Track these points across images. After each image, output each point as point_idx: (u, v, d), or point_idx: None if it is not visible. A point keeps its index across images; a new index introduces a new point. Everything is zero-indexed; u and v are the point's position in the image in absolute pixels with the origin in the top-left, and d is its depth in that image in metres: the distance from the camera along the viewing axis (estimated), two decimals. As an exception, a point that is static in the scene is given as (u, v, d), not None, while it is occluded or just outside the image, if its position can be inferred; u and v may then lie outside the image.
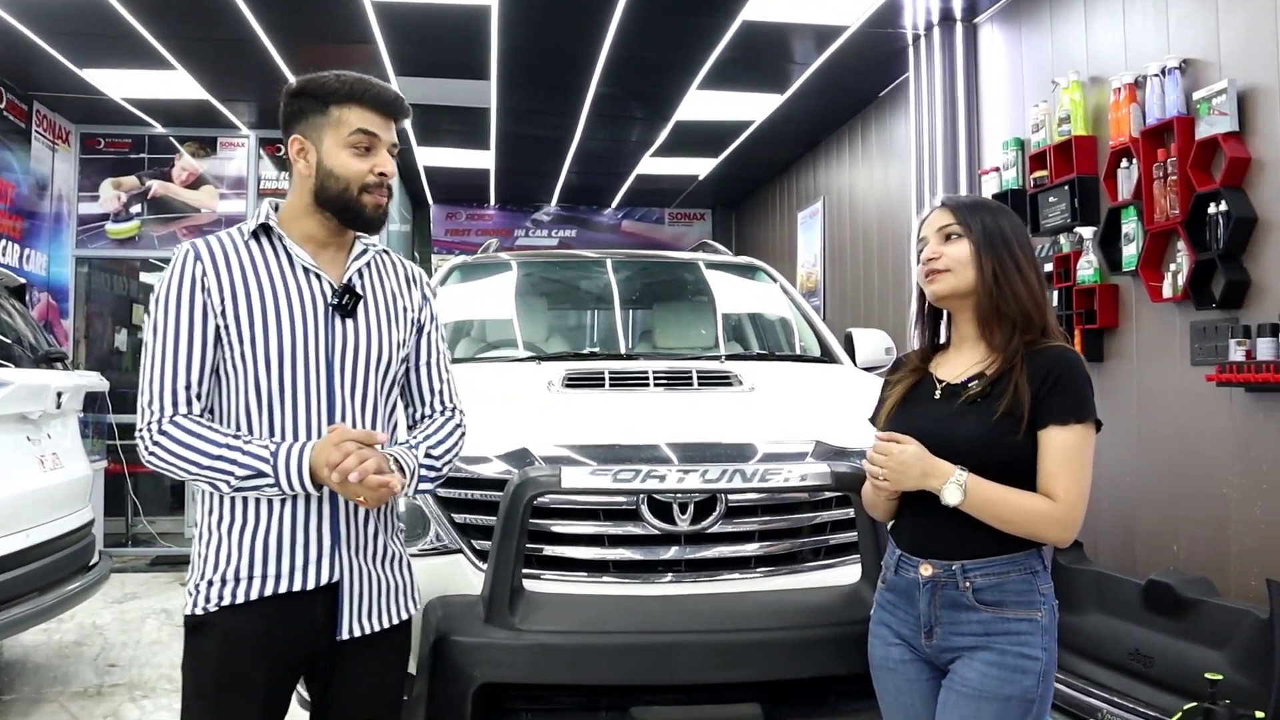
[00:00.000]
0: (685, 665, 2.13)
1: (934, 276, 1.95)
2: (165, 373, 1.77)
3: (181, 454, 1.74)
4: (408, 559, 1.98)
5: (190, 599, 1.81)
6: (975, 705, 1.78)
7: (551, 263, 4.76)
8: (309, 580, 1.80)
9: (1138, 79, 4.20)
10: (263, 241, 1.87)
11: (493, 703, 2.23)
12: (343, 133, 1.83)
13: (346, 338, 1.86)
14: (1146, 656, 3.84)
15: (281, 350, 1.80)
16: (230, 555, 1.79)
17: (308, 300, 1.84)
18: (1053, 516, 1.79)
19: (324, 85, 1.86)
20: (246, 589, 1.78)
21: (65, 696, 4.30)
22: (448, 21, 5.82)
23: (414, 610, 1.98)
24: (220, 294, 1.80)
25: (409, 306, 1.99)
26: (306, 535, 1.81)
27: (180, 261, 1.81)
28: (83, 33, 6.06)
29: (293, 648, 1.82)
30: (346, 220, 1.87)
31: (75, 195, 8.16)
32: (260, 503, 1.80)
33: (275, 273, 1.84)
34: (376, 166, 1.84)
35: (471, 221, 11.69)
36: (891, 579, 1.95)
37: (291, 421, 1.80)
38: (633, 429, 2.57)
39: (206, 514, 1.83)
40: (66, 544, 4.38)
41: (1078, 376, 1.84)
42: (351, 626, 1.84)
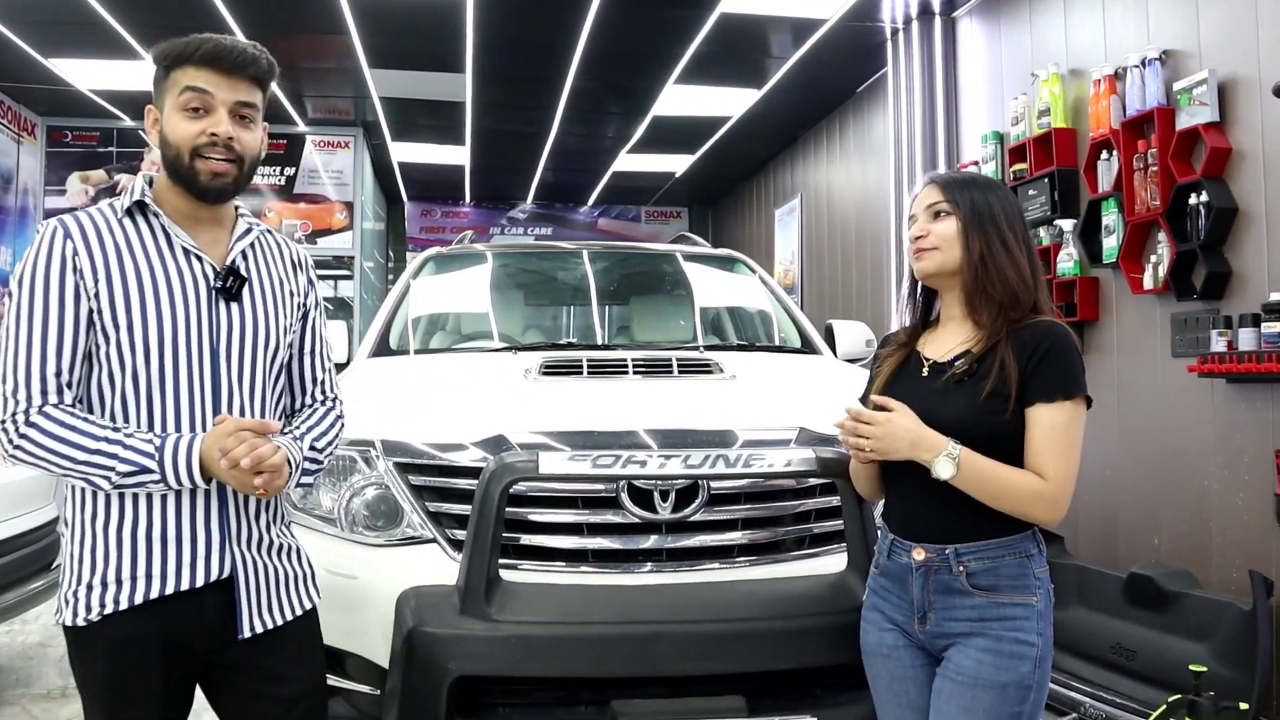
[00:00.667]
0: (667, 657, 2.06)
1: (921, 254, 1.91)
2: (32, 358, 1.61)
3: (53, 447, 1.59)
4: (301, 550, 1.87)
5: (68, 606, 1.65)
6: (971, 693, 1.73)
7: (528, 254, 4.68)
8: (198, 577, 1.67)
9: (1118, 70, 4.19)
10: (138, 219, 1.72)
11: (468, 696, 2.16)
12: (176, 94, 1.69)
13: (232, 322, 1.73)
14: (1129, 650, 3.82)
15: (162, 337, 1.66)
16: (110, 555, 1.65)
17: (189, 283, 1.70)
18: (1043, 495, 1.74)
19: (164, 49, 1.71)
20: (130, 592, 1.64)
21: (28, 699, 4.18)
22: (423, 12, 5.74)
23: (317, 599, 1.87)
24: (94, 275, 1.64)
25: (295, 291, 1.87)
26: (194, 529, 1.68)
27: (48, 239, 1.65)
28: (48, 20, 5.96)
29: (186, 648, 1.69)
30: (190, 191, 1.71)
31: (41, 189, 8.03)
32: (141, 496, 1.66)
33: (153, 253, 1.69)
34: (208, 127, 1.67)
35: (446, 219, 11.60)
36: (884, 564, 1.90)
37: (174, 412, 1.67)
38: (612, 416, 2.50)
39: (78, 509, 1.67)
40: (28, 541, 4.26)
41: (1066, 352, 1.79)
42: (253, 623, 1.72)
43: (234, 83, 1.70)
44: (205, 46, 1.67)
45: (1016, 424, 1.77)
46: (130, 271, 1.66)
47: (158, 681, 1.66)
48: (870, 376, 2.04)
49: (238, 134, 1.70)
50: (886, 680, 1.89)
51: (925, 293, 2.01)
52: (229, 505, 1.71)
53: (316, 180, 8.51)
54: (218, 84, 1.68)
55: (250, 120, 1.73)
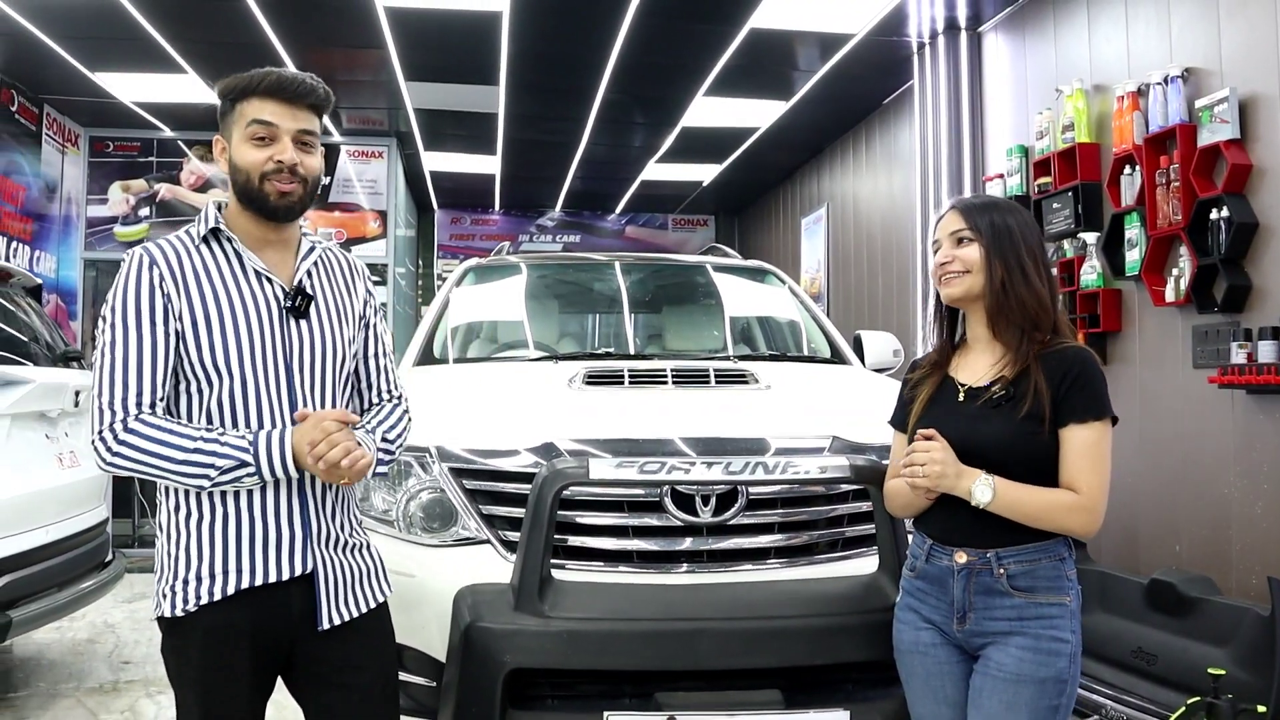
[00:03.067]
0: (708, 651, 2.19)
1: (949, 280, 2.02)
2: (129, 375, 1.75)
3: (153, 450, 1.73)
4: (372, 545, 2.01)
5: (166, 600, 1.81)
6: (1014, 689, 1.85)
7: (564, 265, 4.83)
8: (284, 571, 1.82)
9: (1141, 87, 4.28)
10: (213, 245, 1.87)
11: (521, 689, 2.29)
12: (244, 126, 1.83)
13: (302, 339, 1.87)
14: (1149, 654, 3.90)
15: (241, 356, 1.80)
16: (203, 552, 1.80)
17: (262, 304, 1.85)
18: (1078, 506, 1.87)
19: (229, 84, 1.86)
20: (224, 584, 1.78)
21: (81, 692, 4.34)
22: (459, 27, 5.90)
23: (388, 592, 2.01)
24: (179, 298, 1.79)
25: (355, 302, 2.02)
26: (279, 527, 1.82)
27: (136, 266, 1.80)
28: (95, 36, 6.14)
29: (273, 639, 1.84)
30: (260, 213, 1.86)
31: (84, 198, 8.24)
32: (229, 497, 1.80)
33: (228, 276, 1.84)
34: (275, 154, 1.82)
35: (476, 226, 11.76)
36: (922, 568, 2.01)
37: (257, 424, 1.82)
38: (654, 424, 2.63)
39: (173, 512, 1.82)
40: (82, 541, 4.43)
41: (1094, 376, 1.92)
42: (331, 615, 1.86)
43: (295, 112, 1.85)
44: (268, 79, 1.83)
45: (1051, 444, 1.90)
46: (209, 294, 1.81)
47: (246, 669, 1.80)
48: (900, 398, 2.16)
49: (301, 159, 1.85)
50: (923, 676, 2.01)
51: (950, 314, 2.12)
52: (309, 506, 1.86)
53: (351, 189, 8.69)
54: (280, 114, 1.83)
55: (311, 146, 1.88)
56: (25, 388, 3.96)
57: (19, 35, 6.03)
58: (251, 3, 5.51)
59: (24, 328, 4.45)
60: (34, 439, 4.15)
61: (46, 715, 4.03)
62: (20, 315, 4.49)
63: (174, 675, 1.84)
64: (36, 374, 4.12)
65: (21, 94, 7.13)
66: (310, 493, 1.86)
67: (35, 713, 4.06)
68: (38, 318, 4.69)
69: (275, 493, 1.83)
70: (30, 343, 4.42)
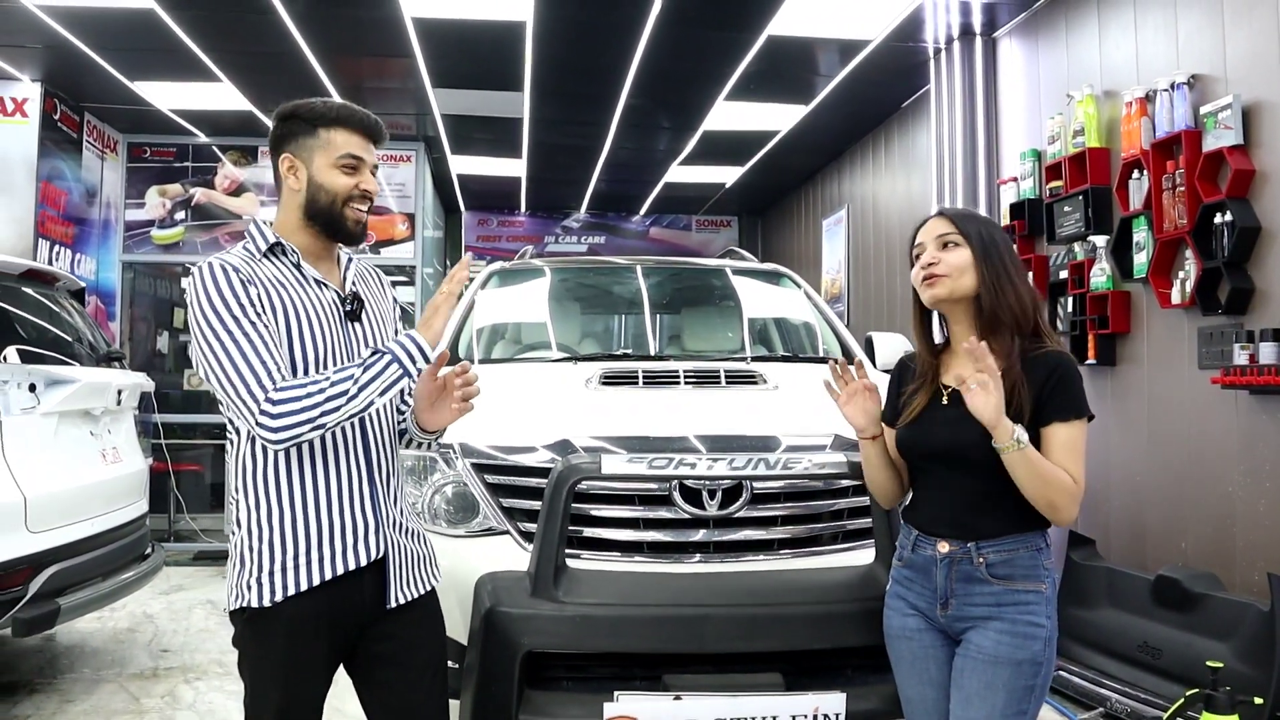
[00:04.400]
0: (713, 636, 2.33)
1: (933, 281, 2.13)
2: (253, 360, 1.85)
3: (309, 402, 1.82)
4: (423, 533, 2.17)
5: (251, 591, 1.92)
6: (992, 669, 1.99)
7: (585, 268, 4.98)
8: (361, 558, 1.97)
9: (1148, 93, 4.36)
10: (273, 258, 2.02)
11: (538, 670, 2.44)
12: (333, 154, 1.99)
13: (359, 338, 2.07)
14: (1155, 648, 4.00)
15: (309, 355, 1.95)
16: (288, 545, 1.93)
17: (324, 309, 2.02)
18: (1073, 493, 1.99)
19: (313, 110, 2.02)
20: (308, 575, 1.92)
21: (123, 678, 4.55)
22: (484, 36, 6.06)
23: (439, 578, 2.17)
24: (258, 302, 1.93)
25: (390, 307, 2.23)
26: (354, 516, 1.98)
27: (220, 272, 1.91)
28: (134, 47, 6.37)
29: (347, 625, 2.00)
30: (331, 232, 2.03)
31: (123, 202, 8.48)
32: (306, 492, 1.94)
33: (292, 285, 2.00)
34: (361, 183, 2.02)
35: (502, 228, 11.94)
36: (909, 556, 2.15)
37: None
38: (665, 423, 2.77)
39: (253, 509, 1.95)
40: (124, 534, 4.63)
41: (1074, 378, 2.05)
42: (397, 595, 2.03)
43: (371, 146, 2.07)
44: (357, 116, 2.04)
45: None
46: (279, 301, 1.96)
47: (323, 655, 1.97)
48: (889, 394, 2.29)
49: (375, 190, 2.08)
50: (909, 660, 2.15)
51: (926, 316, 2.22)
52: (378, 495, 2.03)
53: (380, 193, 8.87)
54: (365, 149, 2.04)
55: (375, 175, 2.11)
56: (72, 387, 4.16)
57: (62, 47, 6.26)
58: (284, 14, 5.70)
59: (70, 329, 4.66)
60: (80, 436, 4.36)
61: (91, 698, 4.23)
62: (66, 317, 4.70)
63: (252, 664, 1.97)
64: (82, 374, 4.33)
65: (64, 103, 7.38)
66: (379, 480, 2.03)
67: (80, 696, 4.26)
68: (82, 320, 4.90)
69: (348, 482, 1.98)
70: (75, 343, 4.63)
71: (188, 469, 8.42)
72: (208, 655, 4.92)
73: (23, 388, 3.93)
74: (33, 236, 6.99)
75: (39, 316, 4.46)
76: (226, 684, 4.45)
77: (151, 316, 9.10)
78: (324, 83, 6.93)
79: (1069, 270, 4.92)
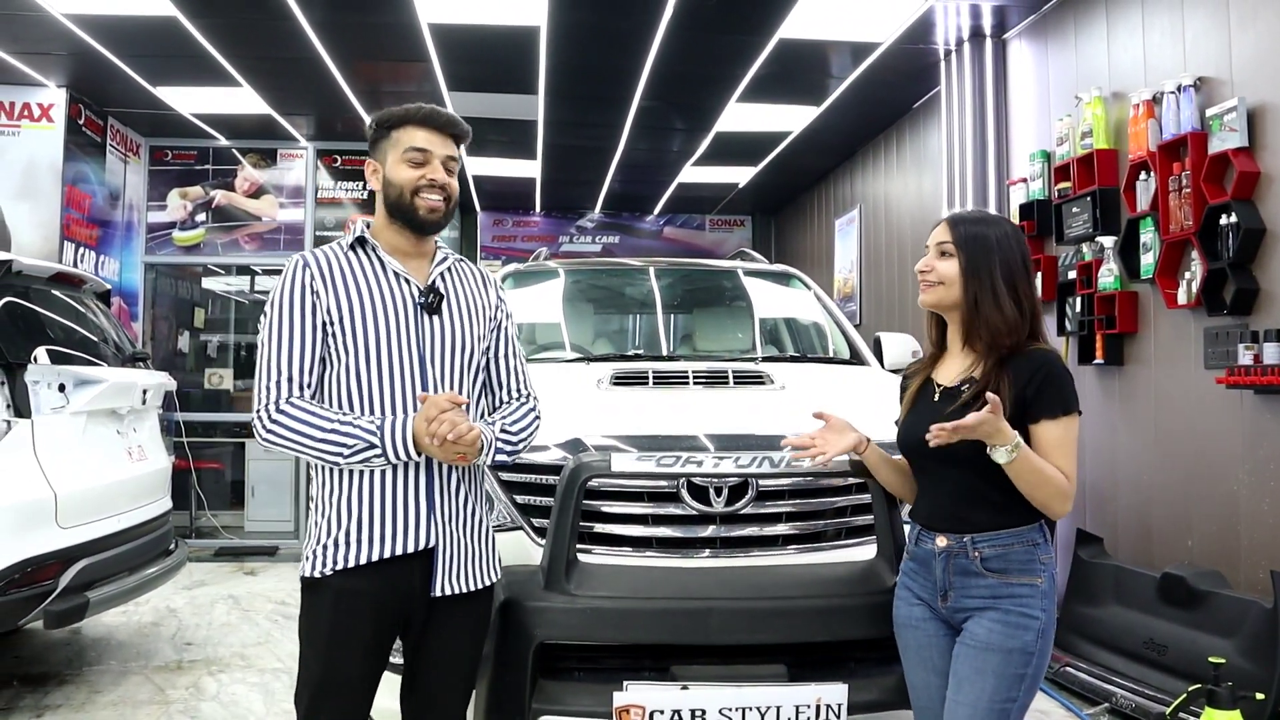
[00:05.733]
0: (719, 628, 2.41)
1: (924, 287, 2.25)
2: (280, 362, 2.08)
3: (297, 429, 2.03)
4: (491, 530, 2.28)
5: (308, 562, 2.10)
6: (983, 656, 2.07)
7: (598, 270, 5.06)
8: (409, 545, 2.09)
9: (1155, 95, 4.41)
10: (359, 252, 2.20)
11: (550, 661, 2.52)
12: (400, 150, 2.18)
13: (435, 332, 2.17)
14: (1160, 645, 4.05)
15: (380, 344, 2.11)
16: (342, 522, 2.08)
17: (399, 300, 2.16)
18: (1065, 491, 2.07)
19: (387, 115, 2.22)
20: (356, 553, 2.07)
21: (149, 670, 4.66)
22: (499, 41, 6.14)
23: (496, 576, 2.27)
24: (326, 294, 2.12)
25: (486, 305, 2.30)
26: (406, 505, 2.10)
27: (291, 269, 2.15)
28: (157, 54, 6.49)
29: (394, 606, 2.11)
30: (409, 224, 2.18)
31: (145, 205, 8.61)
32: (364, 476, 2.09)
33: (371, 278, 2.17)
34: (427, 174, 2.15)
35: (517, 228, 12.03)
36: (913, 550, 2.25)
37: (390, 405, 2.11)
38: (674, 422, 2.85)
39: (321, 486, 2.13)
40: (149, 530, 4.75)
41: (1059, 375, 2.12)
42: (443, 586, 2.13)
43: (443, 140, 2.20)
44: (422, 111, 2.19)
45: None
46: (354, 291, 2.13)
47: (368, 632, 2.08)
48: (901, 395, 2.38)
49: (446, 180, 2.20)
50: (915, 648, 2.24)
51: (938, 317, 2.33)
52: (434, 485, 2.14)
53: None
54: (432, 141, 2.18)
55: (452, 171, 2.23)
56: (99, 387, 4.28)
57: (87, 54, 6.39)
58: (303, 20, 5.80)
59: (97, 330, 4.78)
60: (106, 434, 4.48)
61: (118, 689, 4.35)
62: (93, 319, 4.82)
63: (304, 633, 2.13)
64: (108, 374, 4.44)
65: (88, 108, 7.51)
66: (436, 473, 2.13)
67: (108, 687, 4.38)
68: (108, 321, 5.02)
69: (405, 472, 2.11)
70: (102, 344, 4.75)
71: (208, 466, 8.58)
72: (230, 649, 5.04)
73: (53, 388, 4.04)
74: (58, 239, 7.12)
75: (67, 318, 4.58)
76: (249, 676, 4.57)
77: (173, 316, 9.23)
78: (342, 87, 7.04)
79: (1077, 270, 4.97)
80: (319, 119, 8.17)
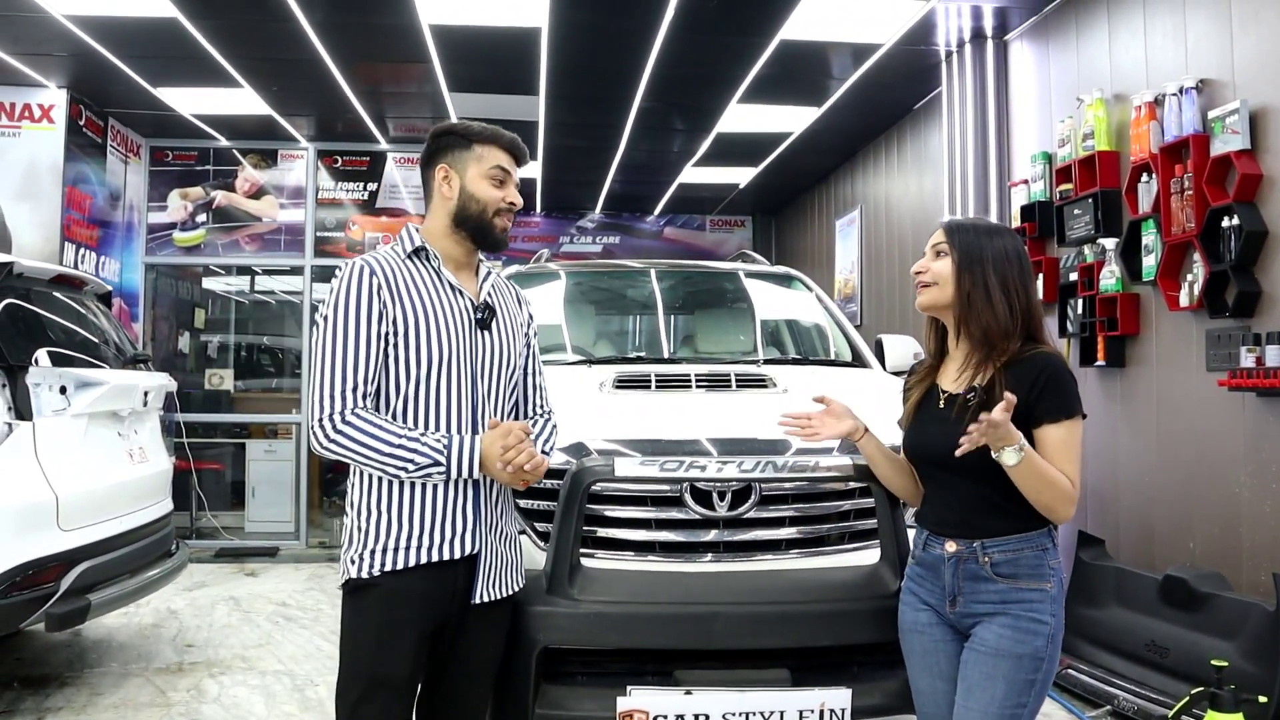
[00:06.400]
0: (722, 633, 2.41)
1: (919, 289, 2.26)
2: (346, 370, 2.07)
3: (364, 441, 2.04)
4: (518, 540, 2.33)
5: (354, 565, 2.12)
6: (993, 661, 2.07)
7: (599, 272, 5.05)
8: (456, 551, 2.14)
9: (1157, 97, 4.41)
10: (417, 261, 2.21)
11: (553, 666, 2.52)
12: (485, 166, 2.21)
13: (486, 347, 2.21)
14: (1162, 647, 4.05)
15: (439, 355, 2.13)
16: (391, 528, 2.11)
17: (457, 314, 2.18)
18: (1069, 495, 2.06)
19: (469, 129, 2.25)
20: (406, 557, 2.10)
21: (150, 672, 4.66)
22: (500, 42, 6.14)
23: (522, 584, 2.32)
24: (393, 304, 2.12)
25: (523, 322, 2.36)
26: (454, 513, 2.14)
27: (357, 273, 2.12)
28: (158, 55, 6.48)
29: (437, 609, 2.14)
30: (479, 239, 2.22)
31: (145, 205, 8.60)
32: (416, 486, 2.12)
33: (431, 288, 2.18)
34: (508, 196, 2.22)
35: (518, 229, 12.01)
36: (920, 555, 2.24)
37: (444, 416, 2.14)
38: (677, 426, 2.85)
39: (366, 493, 2.14)
40: (150, 532, 4.75)
41: (1062, 378, 2.11)
42: (483, 592, 2.18)
43: (516, 165, 2.26)
44: (507, 137, 2.24)
45: None
46: (416, 301, 2.14)
47: (414, 632, 2.11)
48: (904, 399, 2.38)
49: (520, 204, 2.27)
50: (920, 653, 2.23)
51: (940, 325, 2.32)
52: (480, 497, 2.18)
53: (397, 195, 8.97)
54: (512, 166, 2.25)
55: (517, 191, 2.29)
56: (100, 389, 4.27)
57: (88, 55, 6.38)
58: (304, 21, 5.79)
59: (98, 332, 4.78)
60: (108, 436, 4.47)
61: (119, 691, 4.35)
62: (94, 320, 4.82)
63: (349, 634, 2.14)
64: (109, 376, 4.44)
65: (89, 109, 7.51)
66: (482, 484, 2.17)
67: (109, 689, 4.37)
68: (109, 322, 5.02)
69: (456, 483, 2.13)
70: (103, 346, 4.75)
71: (209, 467, 8.58)
72: (231, 650, 5.03)
73: (54, 390, 4.04)
74: (59, 240, 7.12)
75: (68, 320, 4.58)
76: (250, 678, 4.57)
77: (173, 317, 9.23)
78: (342, 88, 7.03)
79: (1079, 272, 4.96)
80: (320, 120, 8.16)
